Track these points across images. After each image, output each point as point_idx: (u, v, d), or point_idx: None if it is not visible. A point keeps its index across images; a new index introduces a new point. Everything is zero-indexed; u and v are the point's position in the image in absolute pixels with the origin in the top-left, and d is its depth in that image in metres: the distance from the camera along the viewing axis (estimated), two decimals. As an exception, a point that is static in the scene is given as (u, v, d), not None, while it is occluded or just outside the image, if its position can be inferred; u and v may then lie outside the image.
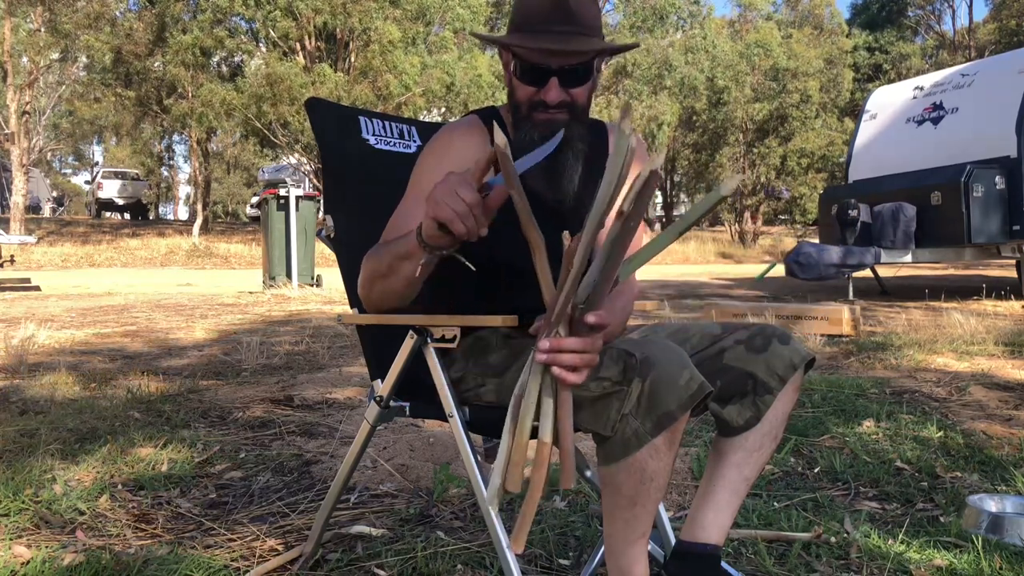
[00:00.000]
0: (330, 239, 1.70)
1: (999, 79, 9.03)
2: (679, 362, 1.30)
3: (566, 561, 1.86)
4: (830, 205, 9.69)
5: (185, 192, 50.65)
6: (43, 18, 24.43)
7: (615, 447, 1.31)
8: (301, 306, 8.83)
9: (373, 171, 1.80)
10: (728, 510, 1.53)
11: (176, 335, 6.18)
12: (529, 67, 1.48)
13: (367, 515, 2.17)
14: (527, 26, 1.47)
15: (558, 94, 1.48)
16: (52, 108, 31.49)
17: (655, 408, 1.27)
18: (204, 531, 2.06)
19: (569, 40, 1.45)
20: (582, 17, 1.46)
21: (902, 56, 38.06)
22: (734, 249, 26.58)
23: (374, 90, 20.33)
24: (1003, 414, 3.24)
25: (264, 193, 11.57)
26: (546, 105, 1.48)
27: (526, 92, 1.50)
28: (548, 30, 1.45)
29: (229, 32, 22.60)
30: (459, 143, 1.56)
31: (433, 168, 1.52)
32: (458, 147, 1.55)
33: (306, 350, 5.27)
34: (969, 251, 9.19)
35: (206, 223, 27.86)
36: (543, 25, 1.45)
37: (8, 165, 26.49)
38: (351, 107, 1.93)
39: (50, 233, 24.85)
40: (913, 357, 4.57)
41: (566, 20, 1.45)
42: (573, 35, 1.45)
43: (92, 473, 2.50)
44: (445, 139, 1.58)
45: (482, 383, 1.53)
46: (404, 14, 21.20)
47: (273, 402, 3.61)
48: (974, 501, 2.07)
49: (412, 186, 1.57)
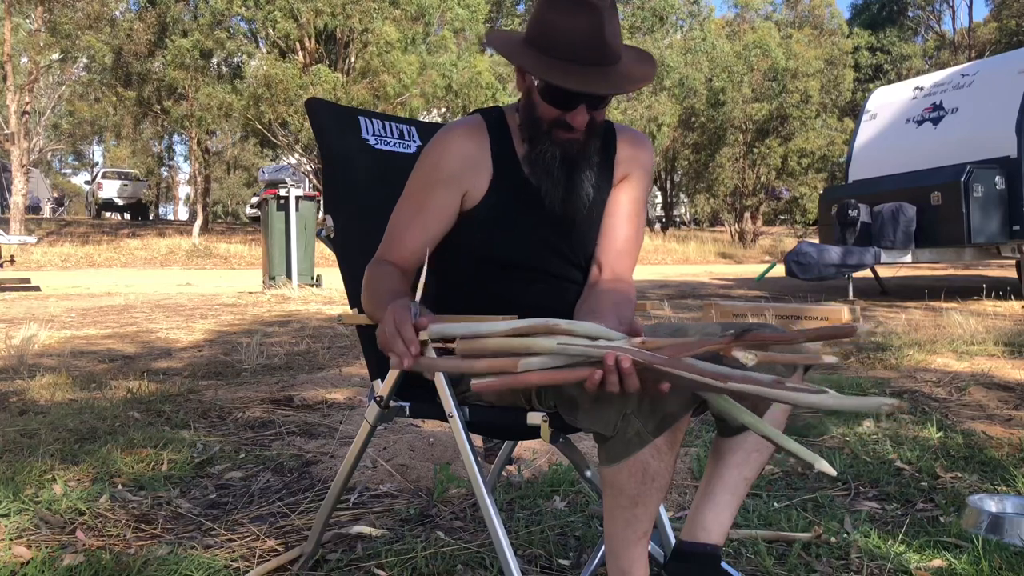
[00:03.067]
0: (330, 239, 1.70)
1: (999, 79, 9.03)
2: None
3: (566, 561, 1.86)
4: (830, 205, 9.69)
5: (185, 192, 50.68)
6: (43, 18, 24.42)
7: (617, 447, 1.31)
8: (301, 306, 8.83)
9: (373, 171, 1.80)
10: (728, 510, 1.53)
11: (176, 335, 6.18)
12: (560, 93, 1.43)
13: (367, 515, 2.17)
14: (555, 51, 1.39)
15: (585, 119, 1.45)
16: (52, 108, 31.49)
17: (657, 409, 1.27)
18: (204, 531, 2.06)
19: (608, 76, 1.40)
20: (615, 47, 1.42)
21: (903, 56, 38.07)
22: (734, 249, 26.57)
23: (371, 90, 20.33)
24: (1003, 414, 3.24)
25: (264, 193, 11.56)
26: (569, 126, 1.45)
27: (550, 112, 1.46)
28: (584, 61, 1.39)
29: (229, 33, 22.59)
30: (455, 147, 1.53)
31: (429, 174, 1.52)
32: (454, 152, 1.53)
33: (306, 350, 5.27)
34: (969, 251, 9.19)
35: (206, 223, 27.87)
36: (580, 54, 1.39)
37: (8, 165, 26.48)
38: (351, 107, 1.93)
39: (50, 233, 24.84)
40: (913, 357, 4.57)
41: (602, 53, 1.40)
42: (610, 68, 1.41)
43: (92, 473, 2.50)
44: (442, 143, 1.55)
45: None
46: (403, 14, 21.20)
47: (273, 402, 3.61)
48: (974, 501, 2.07)
49: (408, 190, 1.56)
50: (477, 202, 1.53)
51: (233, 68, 24.92)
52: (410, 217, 1.53)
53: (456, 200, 1.53)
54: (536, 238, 1.56)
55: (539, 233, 1.56)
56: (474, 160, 1.53)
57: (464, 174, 1.52)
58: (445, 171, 1.52)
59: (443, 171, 1.52)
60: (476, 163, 1.52)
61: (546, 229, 1.57)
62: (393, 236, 1.54)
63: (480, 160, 1.53)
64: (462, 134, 1.54)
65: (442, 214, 1.53)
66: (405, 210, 1.54)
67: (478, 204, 1.54)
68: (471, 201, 1.54)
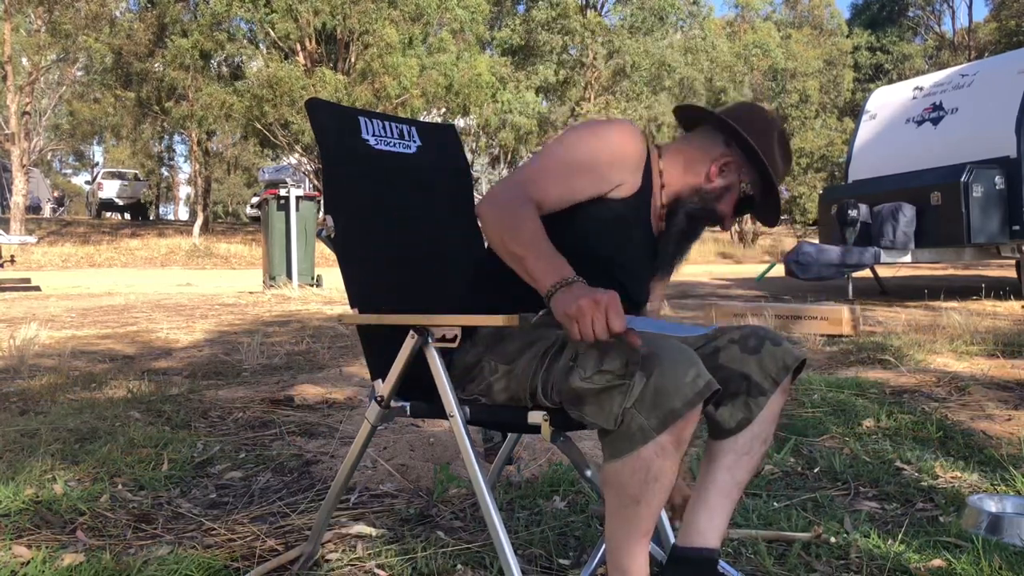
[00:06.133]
0: (330, 239, 1.70)
1: (999, 79, 9.02)
2: (686, 360, 1.30)
3: (566, 561, 1.86)
4: (830, 205, 9.68)
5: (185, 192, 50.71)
6: (43, 19, 24.42)
7: (619, 442, 1.31)
8: (301, 306, 8.83)
9: (373, 171, 1.80)
10: (722, 513, 1.54)
11: (176, 335, 6.18)
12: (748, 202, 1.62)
13: (367, 515, 2.17)
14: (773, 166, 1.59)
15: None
16: (52, 108, 31.49)
17: (660, 405, 1.27)
18: (204, 531, 2.06)
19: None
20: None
21: (904, 56, 38.07)
22: (734, 249, 26.57)
23: (372, 92, 20.34)
24: (1003, 414, 3.24)
25: (264, 193, 11.57)
26: (716, 218, 1.63)
27: (722, 205, 1.62)
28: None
29: (229, 34, 22.59)
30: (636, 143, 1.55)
31: (599, 149, 1.52)
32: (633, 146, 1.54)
33: (306, 350, 5.27)
34: (969, 251, 9.19)
35: (206, 223, 27.87)
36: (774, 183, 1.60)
37: (8, 165, 26.47)
38: (351, 108, 1.93)
39: (50, 233, 24.84)
40: (913, 357, 4.56)
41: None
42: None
43: (92, 473, 2.50)
44: (623, 132, 1.55)
45: (495, 370, 1.52)
46: (403, 15, 21.19)
47: (273, 402, 3.61)
48: (974, 501, 2.07)
49: (568, 151, 1.52)
50: (616, 199, 1.54)
51: (233, 68, 24.92)
52: (563, 172, 1.50)
53: (604, 187, 1.53)
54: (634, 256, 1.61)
55: (637, 254, 1.62)
56: (636, 165, 1.56)
57: (626, 170, 1.54)
58: (616, 157, 1.53)
59: (614, 156, 1.53)
60: (635, 168, 1.55)
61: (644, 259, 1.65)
62: (538, 181, 1.48)
63: (638, 168, 1.56)
64: (639, 139, 1.56)
65: (589, 189, 1.52)
66: (559, 164, 1.52)
67: (615, 201, 1.54)
68: (612, 194, 1.54)
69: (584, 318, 1.25)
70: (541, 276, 1.34)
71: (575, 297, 1.27)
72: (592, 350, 1.35)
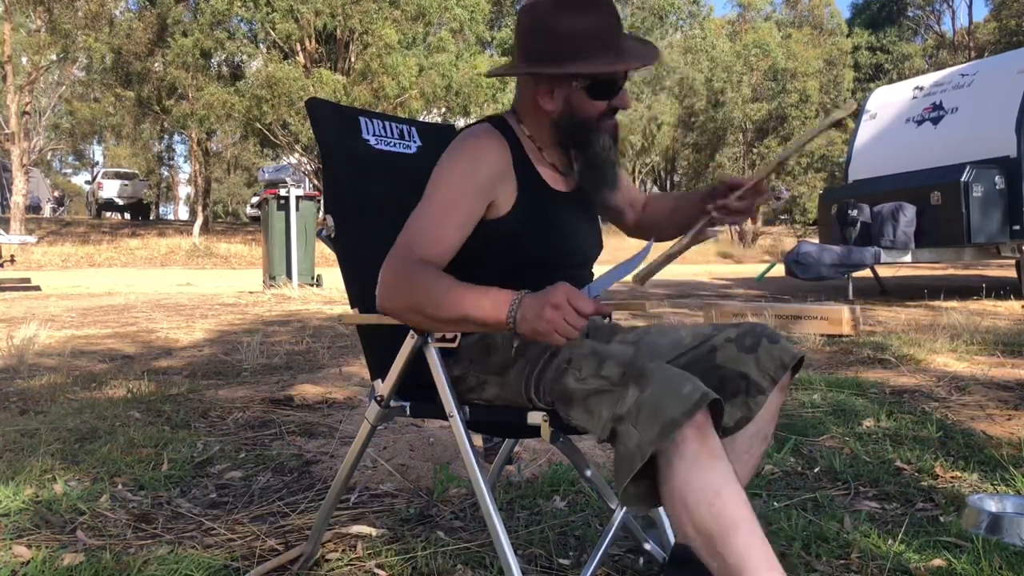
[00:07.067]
0: (330, 239, 1.70)
1: (999, 79, 9.02)
2: (681, 375, 1.27)
3: (566, 561, 1.86)
4: (830, 205, 9.69)
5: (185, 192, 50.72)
6: (43, 18, 24.42)
7: (623, 465, 1.25)
8: (301, 306, 8.83)
9: (373, 171, 1.80)
10: None
11: (176, 335, 6.18)
12: (608, 83, 1.49)
13: (367, 515, 2.17)
14: (598, 43, 1.45)
15: (629, 97, 1.55)
16: (52, 108, 31.49)
17: (657, 416, 1.22)
18: (204, 531, 2.06)
19: (642, 48, 1.52)
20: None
21: (904, 56, 38.07)
22: (734, 249, 26.57)
23: (371, 92, 20.34)
24: (1003, 414, 3.24)
25: (264, 193, 11.58)
26: (613, 112, 1.53)
27: (598, 108, 1.50)
28: (620, 45, 1.48)
29: (229, 34, 22.59)
30: (491, 156, 1.51)
31: (463, 180, 1.47)
32: (490, 160, 1.50)
33: (306, 350, 5.27)
34: (969, 251, 9.19)
35: (206, 223, 27.87)
36: (614, 39, 1.47)
37: (8, 165, 26.48)
38: (351, 107, 1.93)
39: (50, 233, 24.85)
40: (913, 357, 4.57)
41: (620, 30, 1.50)
42: (633, 43, 1.51)
43: (92, 473, 2.50)
44: (475, 150, 1.51)
45: (484, 380, 1.52)
46: (403, 15, 21.19)
47: (273, 402, 3.61)
48: (974, 501, 2.07)
49: (438, 193, 1.47)
50: (504, 214, 1.51)
51: (233, 68, 24.93)
52: (442, 217, 1.45)
53: (483, 209, 1.50)
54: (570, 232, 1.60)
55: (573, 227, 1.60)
56: (502, 174, 1.51)
57: (495, 186, 1.50)
58: (479, 180, 1.48)
59: (478, 179, 1.48)
60: (504, 176, 1.51)
61: (580, 223, 1.62)
62: (426, 236, 1.44)
63: (507, 173, 1.52)
64: (495, 147, 1.52)
65: (473, 220, 1.49)
66: (437, 210, 1.46)
67: (505, 216, 1.51)
68: (497, 212, 1.51)
69: (556, 325, 1.23)
70: (490, 318, 1.30)
71: (535, 314, 1.24)
72: (592, 356, 1.34)
